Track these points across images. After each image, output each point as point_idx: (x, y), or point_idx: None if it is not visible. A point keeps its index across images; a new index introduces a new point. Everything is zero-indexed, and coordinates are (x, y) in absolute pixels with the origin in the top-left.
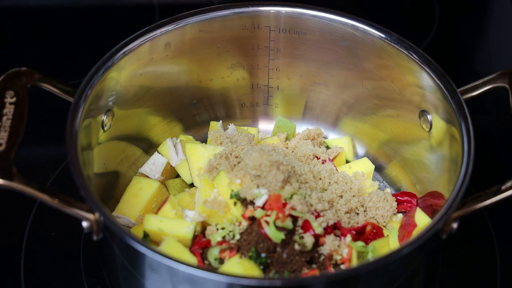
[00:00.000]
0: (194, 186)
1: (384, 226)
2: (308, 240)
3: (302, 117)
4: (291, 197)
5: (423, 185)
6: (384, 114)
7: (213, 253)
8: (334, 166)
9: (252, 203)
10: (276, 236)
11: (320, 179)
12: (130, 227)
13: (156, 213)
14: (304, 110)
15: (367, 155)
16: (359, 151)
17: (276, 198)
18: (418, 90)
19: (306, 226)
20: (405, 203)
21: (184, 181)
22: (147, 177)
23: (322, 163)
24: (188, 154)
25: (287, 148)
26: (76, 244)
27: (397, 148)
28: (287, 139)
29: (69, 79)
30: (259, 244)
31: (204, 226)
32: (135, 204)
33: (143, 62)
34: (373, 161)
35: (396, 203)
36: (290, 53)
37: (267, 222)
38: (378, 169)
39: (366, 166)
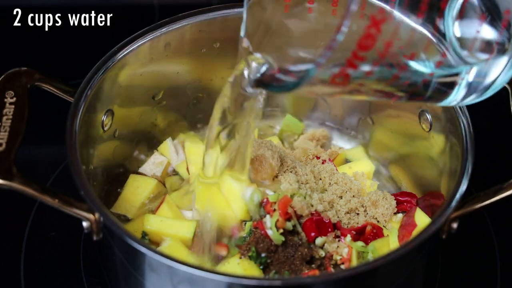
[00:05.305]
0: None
1: (384, 226)
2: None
3: (306, 117)
4: (291, 198)
5: (423, 185)
6: (384, 114)
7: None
8: (334, 166)
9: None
10: (278, 238)
11: (321, 179)
12: None
13: (154, 213)
14: (307, 110)
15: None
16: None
17: (285, 201)
18: None
19: (306, 227)
20: (405, 203)
21: (182, 178)
22: (145, 175)
23: (322, 163)
24: (188, 154)
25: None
26: (76, 244)
27: (397, 148)
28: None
29: (69, 79)
30: (259, 244)
31: None
32: (132, 202)
33: (143, 62)
34: (373, 161)
35: (395, 201)
36: None
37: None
38: (378, 169)
39: (366, 166)
